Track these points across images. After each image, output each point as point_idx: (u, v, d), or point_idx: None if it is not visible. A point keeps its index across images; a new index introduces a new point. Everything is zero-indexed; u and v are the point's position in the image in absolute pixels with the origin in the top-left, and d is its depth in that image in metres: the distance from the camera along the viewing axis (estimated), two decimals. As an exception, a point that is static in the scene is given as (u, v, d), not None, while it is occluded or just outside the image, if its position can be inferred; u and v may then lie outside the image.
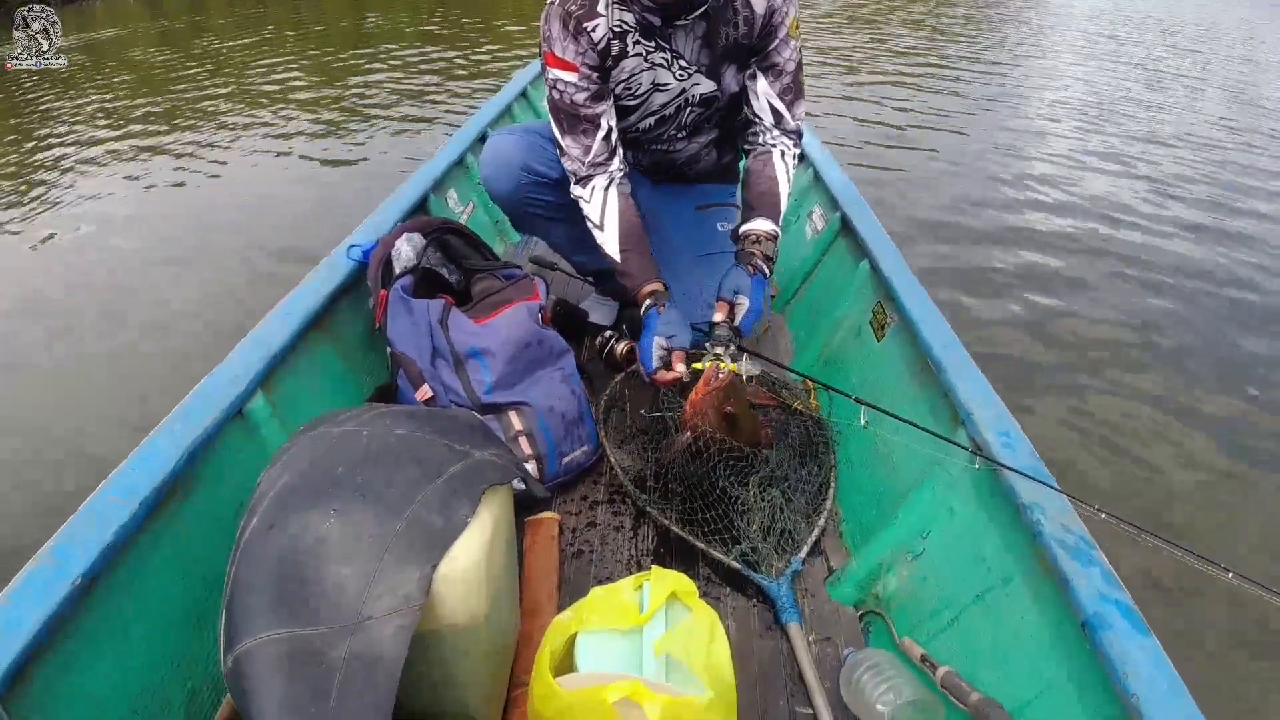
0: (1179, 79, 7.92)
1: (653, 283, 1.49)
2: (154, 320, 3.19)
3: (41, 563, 0.88)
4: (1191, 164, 5.12)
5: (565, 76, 1.47)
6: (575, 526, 1.46)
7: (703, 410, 1.35)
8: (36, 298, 3.50)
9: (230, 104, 6.61)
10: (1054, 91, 7.17)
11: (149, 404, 1.15)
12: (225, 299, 3.30)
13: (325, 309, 1.53)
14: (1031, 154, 5.23)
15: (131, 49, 9.67)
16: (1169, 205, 4.39)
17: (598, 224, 1.53)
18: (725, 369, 1.35)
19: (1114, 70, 8.30)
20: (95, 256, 3.88)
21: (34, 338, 3.13)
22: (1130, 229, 4.04)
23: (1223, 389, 2.73)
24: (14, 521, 0.90)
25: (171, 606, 1.03)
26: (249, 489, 0.93)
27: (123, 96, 7.02)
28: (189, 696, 1.02)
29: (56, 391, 2.77)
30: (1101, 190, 4.58)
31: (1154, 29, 11.18)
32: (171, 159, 5.27)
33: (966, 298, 3.25)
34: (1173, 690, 0.81)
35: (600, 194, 1.52)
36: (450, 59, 8.03)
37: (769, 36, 1.50)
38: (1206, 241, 3.92)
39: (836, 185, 2.23)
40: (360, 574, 0.79)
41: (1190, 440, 2.46)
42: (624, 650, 0.90)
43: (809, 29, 9.28)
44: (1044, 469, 1.12)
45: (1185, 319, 3.19)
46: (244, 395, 1.25)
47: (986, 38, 9.80)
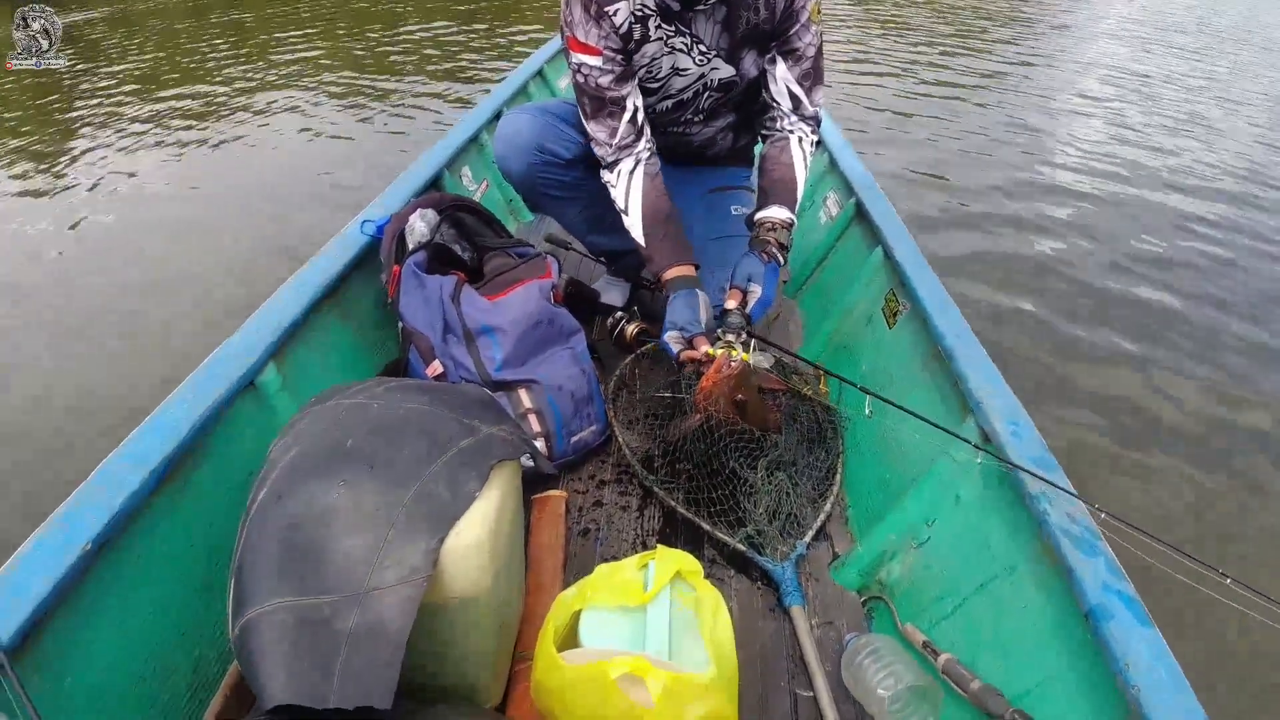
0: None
1: (674, 268, 1.48)
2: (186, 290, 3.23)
3: (52, 528, 0.89)
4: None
5: (589, 60, 1.46)
6: (582, 505, 1.47)
7: (713, 397, 1.36)
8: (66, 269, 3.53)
9: (268, 75, 6.65)
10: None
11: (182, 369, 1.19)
12: (253, 268, 3.33)
13: (338, 283, 1.54)
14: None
15: (163, 18, 9.69)
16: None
17: (624, 208, 1.53)
18: (737, 358, 1.35)
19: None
20: (128, 224, 3.93)
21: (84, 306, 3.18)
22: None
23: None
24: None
25: (180, 574, 1.04)
26: (259, 459, 0.94)
27: (155, 67, 7.07)
28: (195, 663, 1.04)
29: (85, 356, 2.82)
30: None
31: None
32: (206, 129, 5.32)
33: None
34: (1174, 682, 0.81)
35: (626, 178, 1.52)
36: (483, 35, 8.00)
37: (790, 21, 1.49)
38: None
39: (852, 171, 2.21)
40: (368, 545, 0.80)
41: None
42: (628, 627, 0.91)
43: (836, 20, 9.18)
44: (1052, 459, 1.11)
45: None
46: (256, 367, 1.25)
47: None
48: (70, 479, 0.95)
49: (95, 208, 4.11)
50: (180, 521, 1.06)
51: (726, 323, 1.41)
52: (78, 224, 3.91)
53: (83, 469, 0.97)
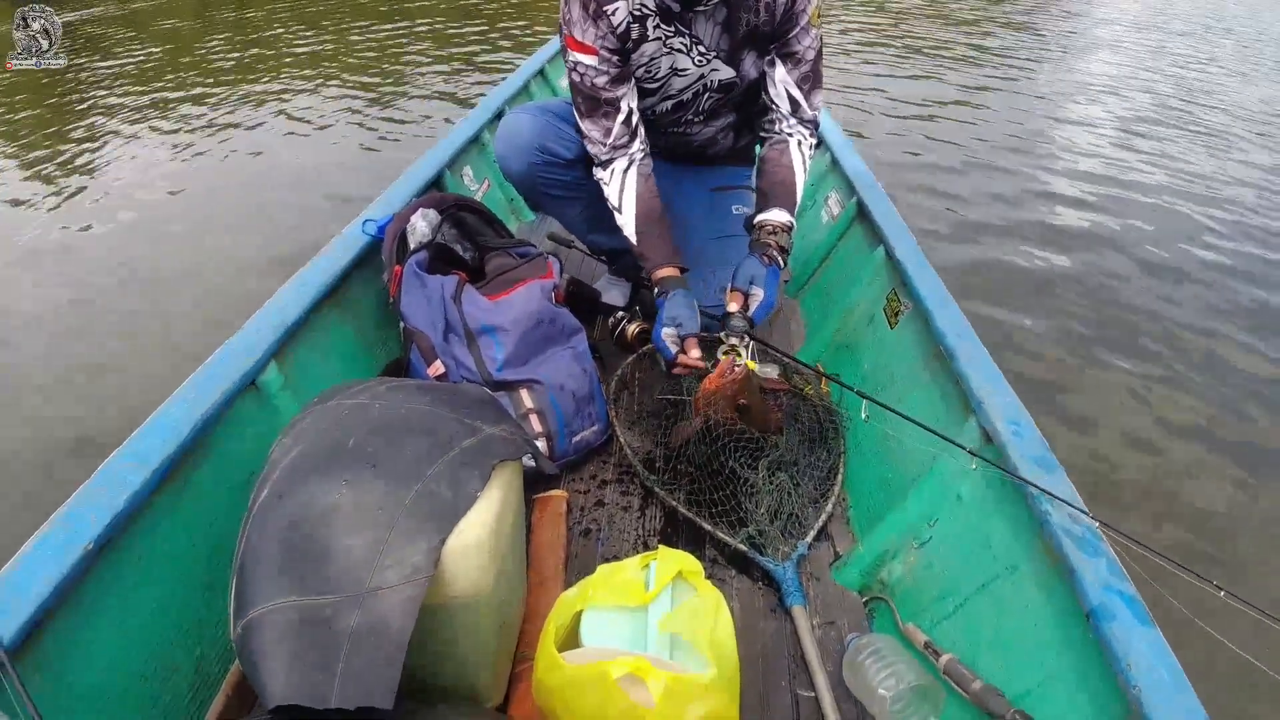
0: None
1: (666, 268, 1.48)
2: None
3: (54, 527, 0.89)
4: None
5: (585, 60, 1.46)
6: (583, 505, 1.47)
7: (715, 402, 1.36)
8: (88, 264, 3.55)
9: (278, 70, 6.70)
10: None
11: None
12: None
13: (339, 283, 1.54)
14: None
15: (170, 18, 9.72)
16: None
17: (617, 207, 1.53)
18: (741, 363, 1.35)
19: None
20: (144, 222, 3.96)
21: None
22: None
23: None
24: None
25: (181, 574, 1.04)
26: (261, 459, 0.94)
27: (163, 63, 7.10)
28: (197, 662, 1.04)
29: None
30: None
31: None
32: (218, 125, 5.36)
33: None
34: (1175, 682, 0.81)
35: (620, 176, 1.52)
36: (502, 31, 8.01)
37: (790, 23, 1.49)
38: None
39: (853, 171, 2.21)
40: (369, 544, 0.80)
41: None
42: (629, 628, 0.91)
43: (850, 20, 9.16)
44: (1053, 458, 1.11)
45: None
46: (257, 366, 1.25)
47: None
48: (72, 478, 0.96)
49: (101, 205, 4.14)
50: (181, 521, 1.06)
51: (730, 326, 1.41)
52: (85, 226, 3.93)
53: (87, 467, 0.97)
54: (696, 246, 1.71)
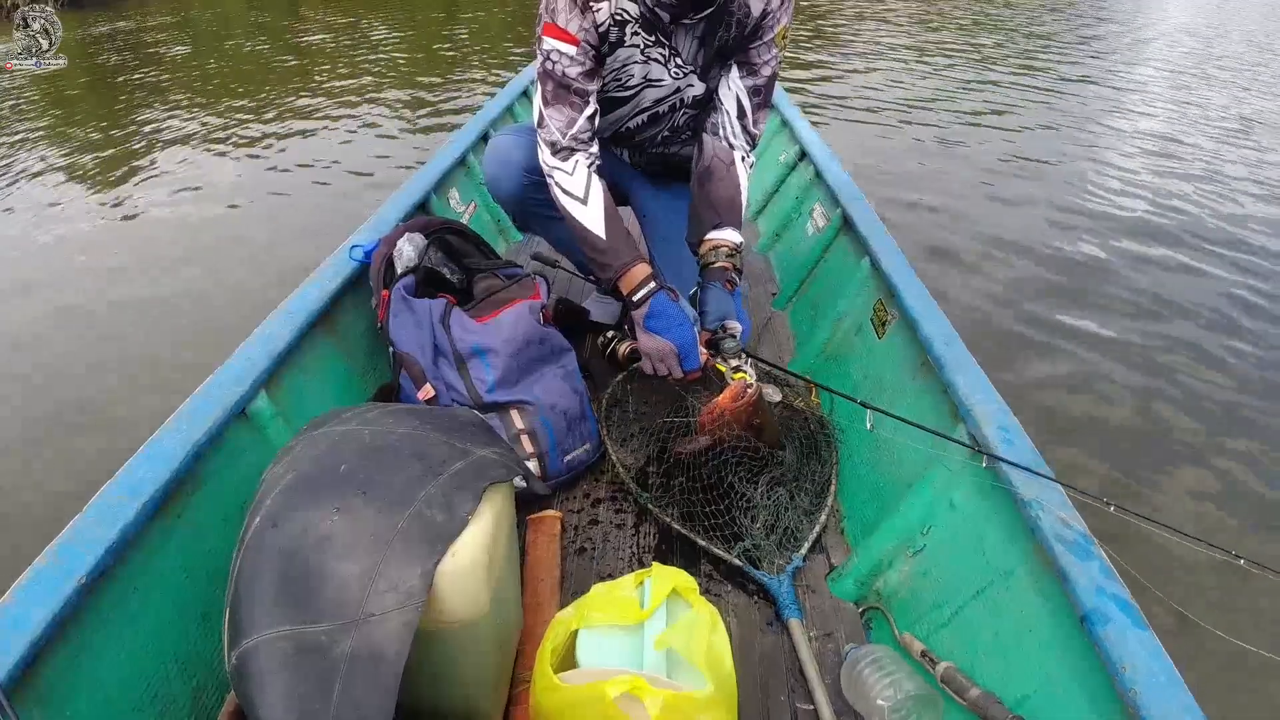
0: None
1: (640, 263, 1.47)
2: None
3: (47, 560, 0.89)
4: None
5: (563, 48, 1.43)
6: (577, 524, 1.47)
7: (730, 423, 1.38)
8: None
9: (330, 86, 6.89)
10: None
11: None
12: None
13: (328, 309, 1.54)
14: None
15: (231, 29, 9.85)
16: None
17: (580, 198, 1.49)
18: (752, 384, 1.37)
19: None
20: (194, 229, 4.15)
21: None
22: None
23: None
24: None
25: (176, 605, 1.04)
26: (253, 487, 0.94)
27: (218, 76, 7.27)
28: (194, 693, 1.03)
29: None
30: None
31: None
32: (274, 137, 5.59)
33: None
34: (1170, 684, 0.81)
35: (584, 170, 1.49)
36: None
37: (755, 36, 1.50)
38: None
39: (838, 182, 2.23)
40: (363, 570, 0.80)
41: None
42: (625, 646, 0.91)
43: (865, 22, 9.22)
44: (1043, 463, 1.12)
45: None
46: (248, 395, 1.25)
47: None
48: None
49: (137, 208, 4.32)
50: (176, 551, 1.05)
51: (724, 349, 1.44)
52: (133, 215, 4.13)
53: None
54: (671, 253, 1.74)
